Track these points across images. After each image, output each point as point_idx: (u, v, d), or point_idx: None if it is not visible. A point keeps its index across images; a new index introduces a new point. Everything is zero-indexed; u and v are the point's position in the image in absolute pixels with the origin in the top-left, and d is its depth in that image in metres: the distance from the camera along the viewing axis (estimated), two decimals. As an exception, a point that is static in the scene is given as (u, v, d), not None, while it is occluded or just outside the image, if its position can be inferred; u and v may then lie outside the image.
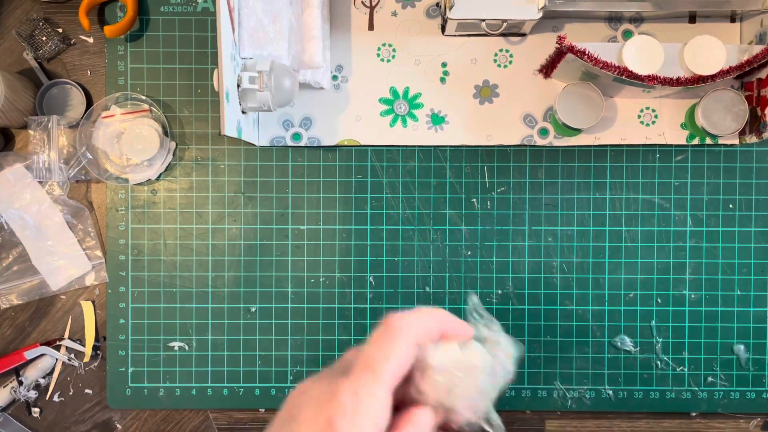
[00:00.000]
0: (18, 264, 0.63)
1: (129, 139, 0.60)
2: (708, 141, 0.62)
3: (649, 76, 0.55)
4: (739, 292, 0.63)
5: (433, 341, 0.34)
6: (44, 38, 0.62)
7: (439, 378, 0.33)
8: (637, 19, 0.62)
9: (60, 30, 0.63)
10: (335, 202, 0.63)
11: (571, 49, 0.55)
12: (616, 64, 0.55)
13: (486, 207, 0.63)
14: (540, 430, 0.64)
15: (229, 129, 0.50)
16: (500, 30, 0.58)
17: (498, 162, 0.63)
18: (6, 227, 0.62)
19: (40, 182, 0.62)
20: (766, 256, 0.63)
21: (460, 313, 0.36)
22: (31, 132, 0.61)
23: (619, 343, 0.63)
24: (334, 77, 0.63)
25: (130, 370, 0.63)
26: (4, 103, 0.58)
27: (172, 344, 0.63)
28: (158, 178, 0.63)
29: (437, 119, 0.63)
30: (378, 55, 0.63)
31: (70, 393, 0.64)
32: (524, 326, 0.63)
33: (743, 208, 0.63)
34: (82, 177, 0.63)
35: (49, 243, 0.62)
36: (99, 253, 0.63)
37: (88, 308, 0.63)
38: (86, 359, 0.63)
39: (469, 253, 0.63)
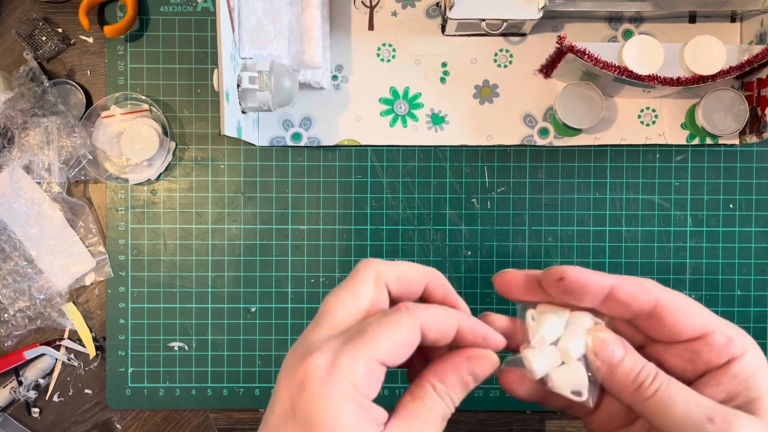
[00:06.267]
0: (21, 264, 0.63)
1: (129, 139, 0.60)
2: (708, 141, 0.62)
3: (649, 76, 0.55)
4: (739, 293, 0.63)
5: (442, 336, 0.33)
6: (44, 38, 0.62)
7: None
8: (638, 19, 0.62)
9: (60, 30, 0.63)
10: (335, 202, 0.63)
11: (572, 49, 0.55)
12: (617, 64, 0.55)
13: (486, 207, 0.63)
14: (540, 430, 0.64)
15: (229, 129, 0.50)
16: (500, 30, 0.58)
17: (498, 162, 0.63)
18: (7, 228, 0.62)
19: (38, 183, 0.62)
20: (767, 256, 0.63)
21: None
22: (30, 132, 0.61)
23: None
24: (334, 77, 0.63)
25: (130, 370, 0.63)
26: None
27: (171, 344, 0.63)
28: (158, 178, 0.63)
29: (437, 119, 0.62)
30: (378, 55, 0.63)
31: (70, 393, 0.64)
32: (524, 326, 0.63)
33: (743, 208, 0.63)
34: (82, 177, 0.63)
35: (52, 242, 0.62)
36: (102, 249, 0.63)
37: (71, 310, 0.63)
38: (92, 355, 0.63)
39: (470, 253, 0.63)
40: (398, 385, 0.63)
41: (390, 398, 0.63)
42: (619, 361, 0.33)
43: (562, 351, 0.34)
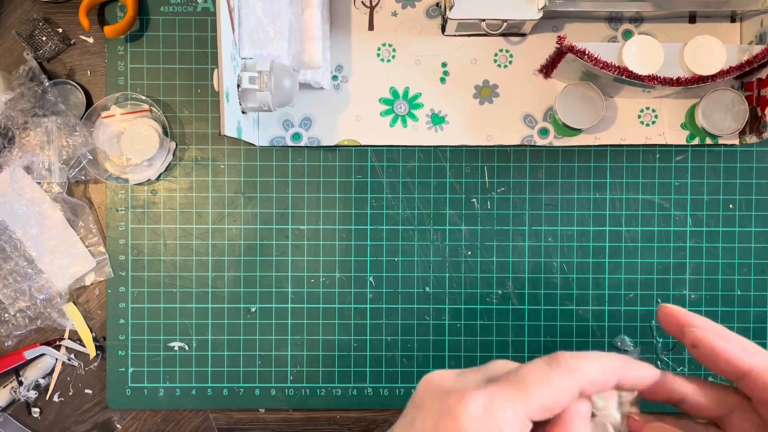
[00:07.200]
0: (21, 265, 0.63)
1: (129, 139, 0.60)
2: (708, 141, 0.62)
3: (649, 76, 0.55)
4: (739, 293, 0.63)
5: (603, 390, 0.32)
6: (44, 38, 0.62)
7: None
8: (637, 19, 0.62)
9: (60, 30, 0.63)
10: (335, 202, 0.63)
11: (571, 49, 0.55)
12: (616, 64, 0.55)
13: (486, 207, 0.63)
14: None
15: (229, 129, 0.50)
16: (500, 30, 0.58)
17: (498, 162, 0.63)
18: (7, 228, 0.62)
19: (38, 183, 0.62)
20: (766, 256, 0.63)
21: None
22: (31, 132, 0.61)
23: (619, 344, 0.62)
24: (334, 77, 0.63)
25: (130, 370, 0.63)
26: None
27: (172, 344, 0.63)
28: (158, 178, 0.63)
29: (437, 119, 0.63)
30: (378, 55, 0.63)
31: (70, 393, 0.64)
32: (524, 326, 0.63)
33: (743, 208, 0.63)
34: (82, 177, 0.63)
35: (52, 242, 0.62)
36: (102, 249, 0.63)
37: (71, 310, 0.63)
38: (92, 355, 0.63)
39: (469, 253, 0.63)
40: (398, 385, 0.63)
41: (390, 398, 0.63)
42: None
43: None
